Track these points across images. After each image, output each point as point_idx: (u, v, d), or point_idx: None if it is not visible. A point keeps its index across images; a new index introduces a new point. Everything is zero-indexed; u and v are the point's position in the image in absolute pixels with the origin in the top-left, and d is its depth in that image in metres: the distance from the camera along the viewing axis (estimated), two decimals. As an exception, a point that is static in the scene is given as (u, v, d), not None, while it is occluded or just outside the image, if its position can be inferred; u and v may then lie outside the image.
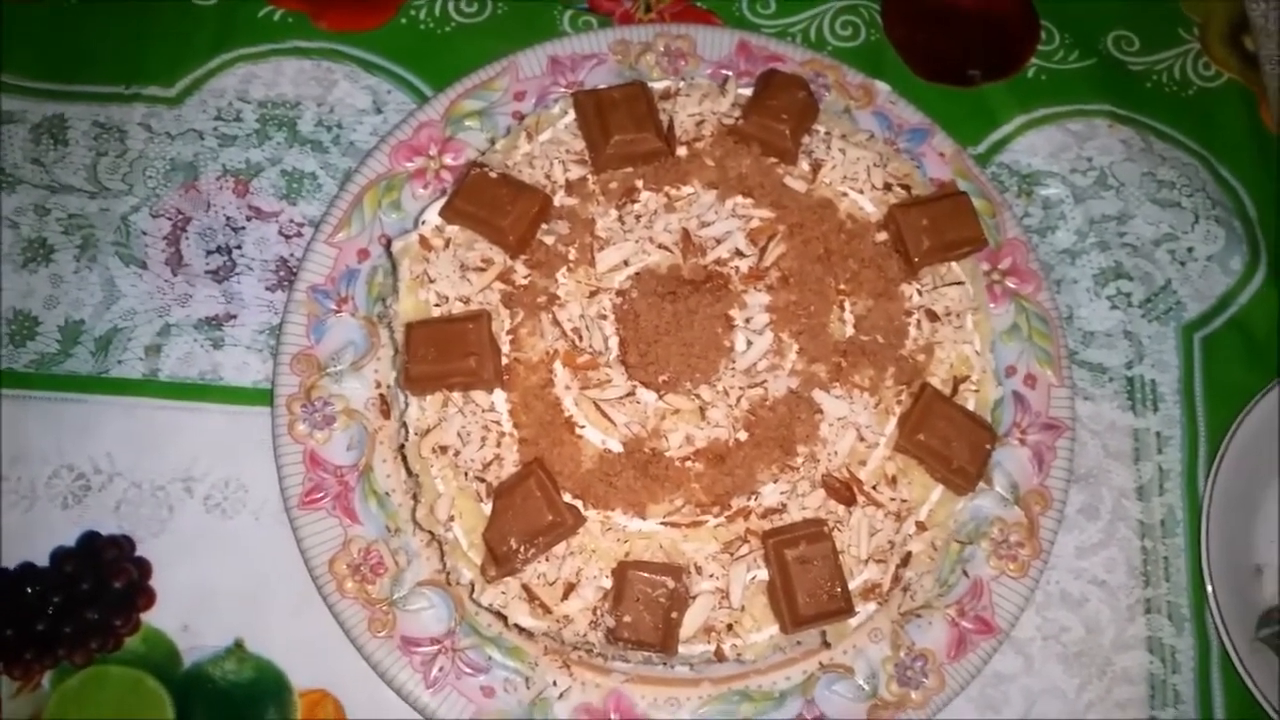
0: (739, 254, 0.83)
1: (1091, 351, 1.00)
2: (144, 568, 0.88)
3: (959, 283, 0.83)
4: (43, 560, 0.87)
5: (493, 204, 0.80)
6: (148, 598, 0.87)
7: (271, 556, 0.88)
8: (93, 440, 0.92)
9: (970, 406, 0.80)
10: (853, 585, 0.75)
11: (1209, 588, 0.89)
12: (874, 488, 0.78)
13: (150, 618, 0.88)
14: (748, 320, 0.81)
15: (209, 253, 0.97)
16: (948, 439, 0.77)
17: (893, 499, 0.78)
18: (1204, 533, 0.90)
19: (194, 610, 0.88)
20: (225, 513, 0.91)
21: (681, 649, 0.74)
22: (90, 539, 0.88)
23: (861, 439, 0.79)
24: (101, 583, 0.85)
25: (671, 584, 0.73)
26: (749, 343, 0.80)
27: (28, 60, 1.03)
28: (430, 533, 0.80)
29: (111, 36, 1.04)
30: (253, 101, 1.02)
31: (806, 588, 0.73)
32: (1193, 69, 1.10)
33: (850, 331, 0.82)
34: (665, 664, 0.81)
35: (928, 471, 0.79)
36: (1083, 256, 1.02)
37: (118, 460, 0.91)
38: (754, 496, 0.77)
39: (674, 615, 0.73)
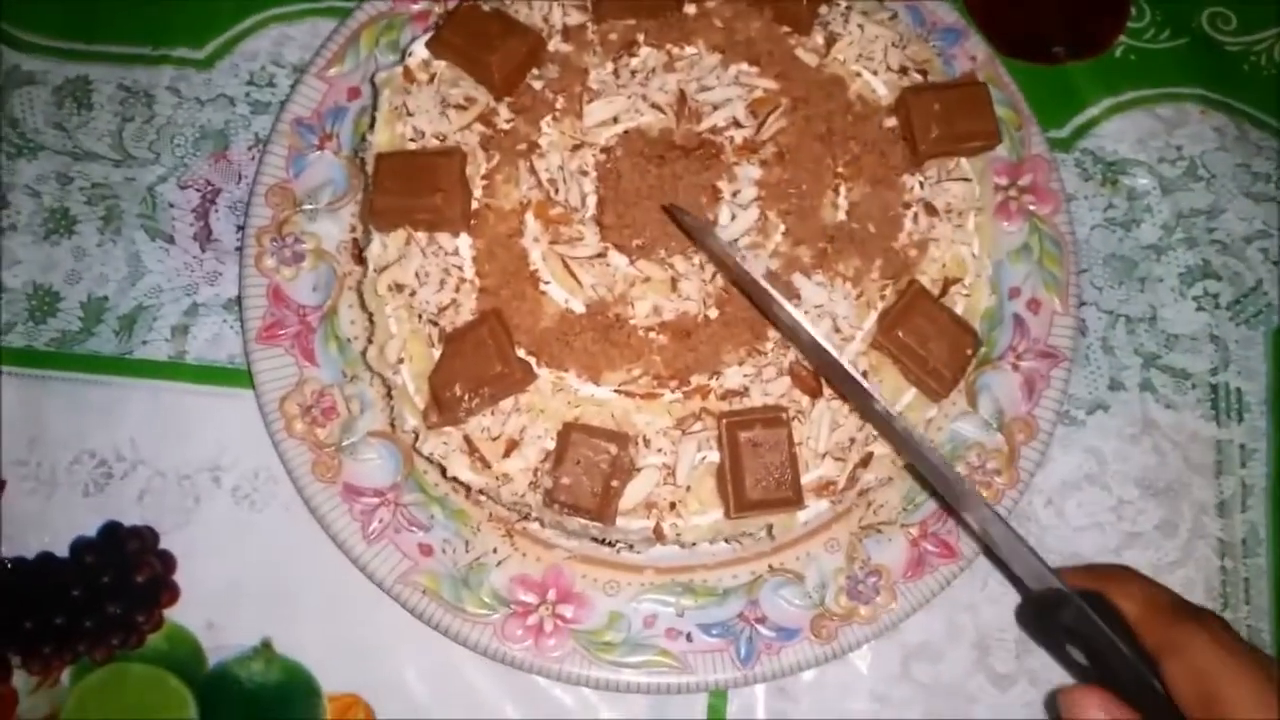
0: (736, 124, 0.78)
1: (1174, 356, 0.92)
2: (168, 561, 0.84)
3: (965, 179, 0.77)
4: (62, 551, 0.83)
5: (481, 39, 0.76)
6: (171, 593, 0.83)
7: (303, 552, 0.83)
8: (116, 425, 0.87)
9: (958, 311, 0.75)
10: (806, 479, 0.71)
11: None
12: (843, 381, 0.74)
13: (174, 614, 0.83)
14: (735, 194, 0.76)
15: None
16: (926, 338, 0.72)
17: (860, 395, 0.73)
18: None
19: (220, 607, 0.83)
20: (254, 505, 0.86)
21: (619, 521, 0.71)
22: (112, 530, 0.83)
23: (837, 330, 0.74)
24: (124, 576, 0.81)
25: (615, 451, 0.69)
26: (733, 216, 0.75)
27: (49, 16, 0.95)
28: (385, 382, 0.77)
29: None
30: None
31: (756, 472, 0.69)
32: (1294, 51, 1.01)
33: (842, 218, 0.77)
34: (606, 541, 0.78)
35: (901, 372, 0.74)
36: (1168, 253, 0.95)
37: (141, 447, 0.86)
38: (716, 376, 0.73)
39: (614, 484, 0.69)
